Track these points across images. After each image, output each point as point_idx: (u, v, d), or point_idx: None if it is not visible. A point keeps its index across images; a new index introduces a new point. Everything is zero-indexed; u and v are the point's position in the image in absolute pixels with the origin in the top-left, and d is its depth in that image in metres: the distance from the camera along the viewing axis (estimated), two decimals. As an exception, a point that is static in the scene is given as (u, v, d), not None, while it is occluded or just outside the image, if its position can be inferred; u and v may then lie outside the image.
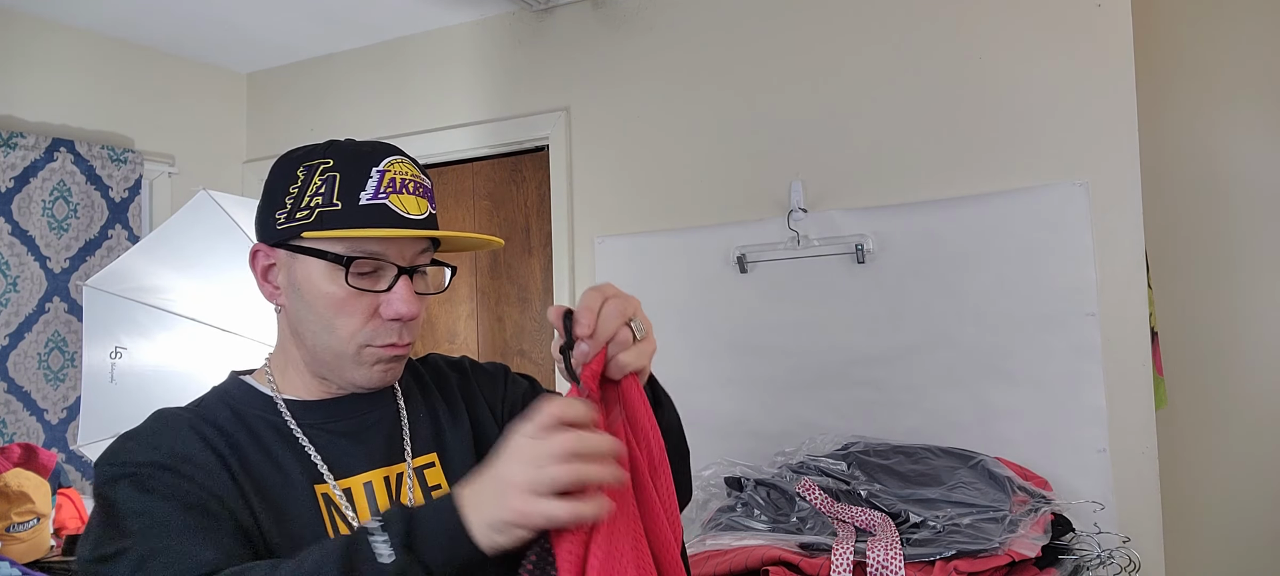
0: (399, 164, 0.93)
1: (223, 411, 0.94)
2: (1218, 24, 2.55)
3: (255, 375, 1.02)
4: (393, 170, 0.92)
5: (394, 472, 0.98)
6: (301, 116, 3.42)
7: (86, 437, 1.94)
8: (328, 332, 0.93)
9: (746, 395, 2.51)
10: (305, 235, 0.90)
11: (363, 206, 0.90)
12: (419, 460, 1.01)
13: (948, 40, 2.32)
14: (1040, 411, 2.17)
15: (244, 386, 0.99)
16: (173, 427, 0.89)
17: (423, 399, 1.06)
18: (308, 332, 0.94)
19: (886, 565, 1.56)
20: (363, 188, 0.90)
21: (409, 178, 0.93)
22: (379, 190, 0.91)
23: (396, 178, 0.92)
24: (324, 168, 0.91)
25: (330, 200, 0.90)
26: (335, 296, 0.91)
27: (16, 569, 2.02)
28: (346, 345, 0.93)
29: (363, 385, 0.97)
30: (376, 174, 0.91)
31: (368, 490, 0.96)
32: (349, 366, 0.95)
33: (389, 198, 0.91)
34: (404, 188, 0.92)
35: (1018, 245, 2.21)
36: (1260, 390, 2.50)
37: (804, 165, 2.48)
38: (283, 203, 0.92)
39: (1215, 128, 2.56)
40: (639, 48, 2.75)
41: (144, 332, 1.99)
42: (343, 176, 0.90)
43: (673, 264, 2.64)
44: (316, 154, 0.93)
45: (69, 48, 2.97)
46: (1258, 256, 2.51)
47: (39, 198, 2.81)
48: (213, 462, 0.87)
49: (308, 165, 0.92)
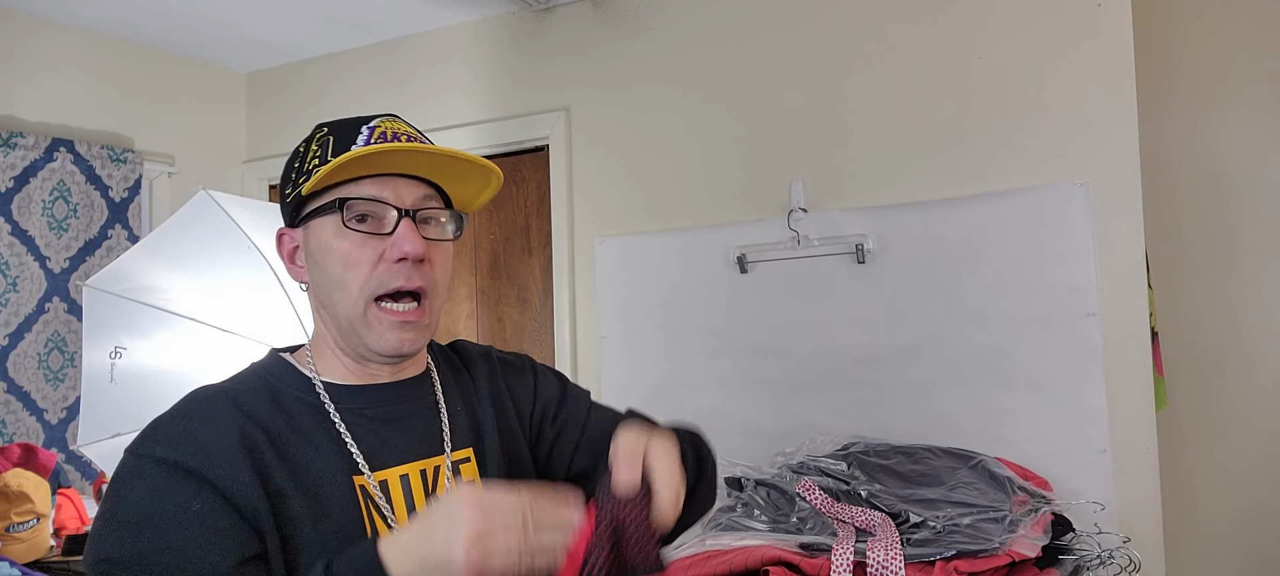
0: (391, 121, 0.95)
1: (262, 393, 0.93)
2: (1218, 24, 2.55)
3: (296, 355, 1.01)
4: (384, 125, 0.94)
5: (431, 466, 0.98)
6: (301, 116, 3.42)
7: (86, 437, 1.94)
8: (342, 290, 0.93)
9: (746, 395, 2.51)
10: (305, 190, 0.92)
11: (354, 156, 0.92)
12: (456, 454, 1.00)
13: (948, 40, 2.32)
14: (1040, 411, 2.17)
15: (284, 365, 0.98)
16: (207, 418, 0.88)
17: (459, 391, 1.06)
18: (327, 300, 0.95)
19: (886, 565, 1.55)
20: (354, 142, 0.92)
21: (402, 131, 0.95)
22: (370, 140, 0.92)
23: (388, 130, 0.94)
24: (319, 135, 0.95)
25: (325, 159, 0.91)
26: (342, 249, 0.92)
27: (16, 569, 2.02)
28: (357, 303, 0.93)
29: (380, 349, 0.95)
30: (366, 129, 0.93)
31: (404, 483, 0.95)
32: (362, 330, 0.94)
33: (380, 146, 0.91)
34: (396, 138, 0.93)
35: (1018, 245, 2.21)
36: (1260, 390, 2.50)
37: (804, 165, 2.48)
38: (288, 178, 0.96)
39: (1215, 128, 2.56)
40: (639, 48, 2.75)
41: (144, 332, 1.99)
42: (336, 137, 0.93)
43: (673, 264, 2.64)
44: (317, 130, 0.97)
45: (69, 48, 2.97)
46: (1258, 256, 2.51)
47: (39, 198, 2.81)
48: (242, 463, 0.85)
49: (306, 140, 0.96)
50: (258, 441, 0.87)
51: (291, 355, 1.01)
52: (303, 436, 0.91)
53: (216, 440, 0.85)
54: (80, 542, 2.27)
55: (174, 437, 0.85)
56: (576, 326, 2.84)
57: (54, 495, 2.40)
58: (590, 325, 2.80)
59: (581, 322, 2.83)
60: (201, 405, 0.90)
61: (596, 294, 2.77)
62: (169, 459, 0.83)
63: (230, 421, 0.88)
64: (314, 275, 0.96)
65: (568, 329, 2.84)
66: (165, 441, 0.85)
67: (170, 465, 0.83)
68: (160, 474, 0.82)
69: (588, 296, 2.81)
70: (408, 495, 0.95)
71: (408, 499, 0.95)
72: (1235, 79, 2.53)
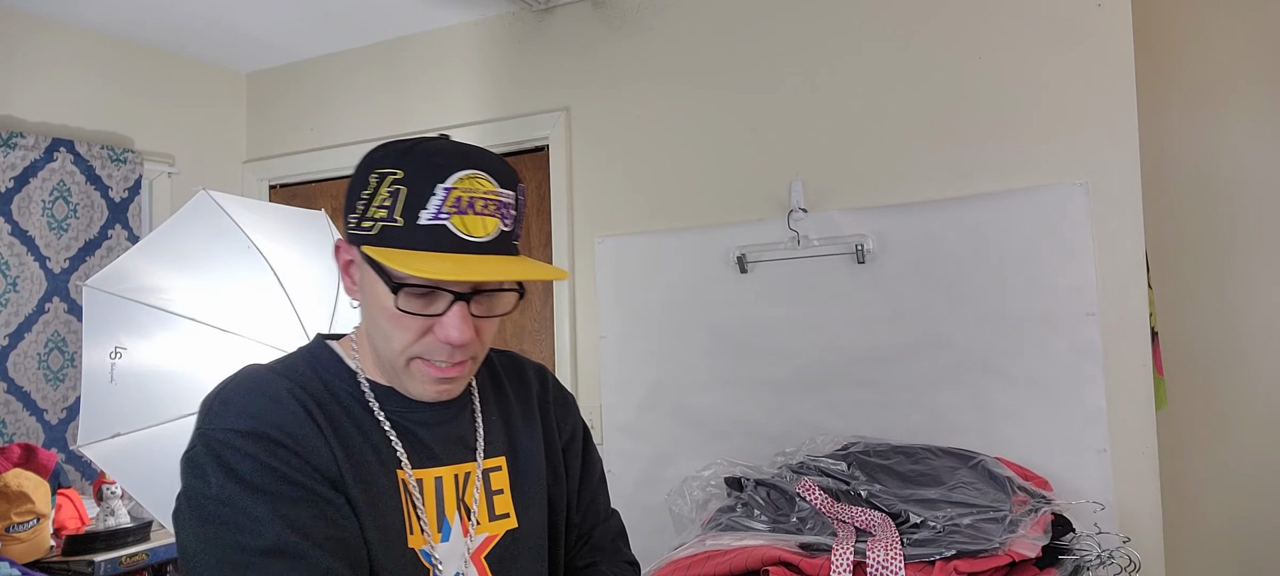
0: (470, 179, 0.88)
1: (312, 378, 0.95)
2: (1218, 24, 2.55)
3: (342, 343, 1.01)
4: (460, 187, 0.87)
5: (463, 471, 1.00)
6: (301, 116, 3.42)
7: (86, 437, 1.93)
8: (385, 341, 0.93)
9: (746, 395, 2.51)
10: (366, 249, 0.89)
11: (422, 226, 0.86)
12: (489, 462, 1.02)
13: (948, 40, 2.32)
14: (1040, 411, 2.17)
15: (331, 354, 0.99)
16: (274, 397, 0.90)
17: (497, 400, 1.08)
18: (372, 334, 0.95)
19: (886, 565, 1.55)
20: (425, 205, 0.86)
21: (480, 195, 0.88)
22: (441, 209, 0.86)
23: (463, 197, 0.87)
24: (392, 179, 0.87)
25: (392, 216, 0.86)
26: (391, 311, 0.90)
27: (16, 569, 2.02)
28: (399, 358, 0.93)
29: (416, 396, 0.97)
30: (442, 191, 0.86)
31: (437, 485, 0.97)
32: (402, 377, 0.95)
33: (450, 218, 0.86)
34: (470, 207, 0.87)
35: (1018, 245, 2.21)
36: (1260, 390, 2.50)
37: (804, 165, 2.48)
38: (356, 207, 0.90)
39: (1215, 128, 2.56)
40: (639, 48, 2.75)
41: (144, 332, 1.99)
42: (408, 191, 0.86)
43: (673, 264, 2.64)
44: (391, 160, 0.88)
45: (69, 48, 2.97)
46: (1258, 256, 2.51)
47: (39, 198, 2.81)
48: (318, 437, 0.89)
49: (380, 172, 0.88)
50: (319, 419, 0.90)
51: (338, 344, 1.02)
52: (355, 424, 0.94)
53: (288, 415, 0.88)
54: (80, 542, 2.27)
55: (251, 412, 0.87)
56: (576, 326, 2.84)
57: (54, 495, 2.40)
58: (590, 325, 2.80)
59: (581, 322, 2.83)
60: (262, 383, 0.92)
61: (596, 294, 2.77)
62: (253, 430, 0.86)
63: (293, 398, 0.90)
64: (363, 303, 0.95)
65: (568, 329, 2.84)
66: (244, 416, 0.87)
67: (257, 436, 0.85)
68: (252, 444, 0.85)
69: (588, 296, 2.81)
70: (439, 497, 0.97)
71: (439, 500, 0.97)
72: (1235, 79, 2.53)
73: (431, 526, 0.95)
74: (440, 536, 0.96)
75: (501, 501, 1.02)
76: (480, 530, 0.99)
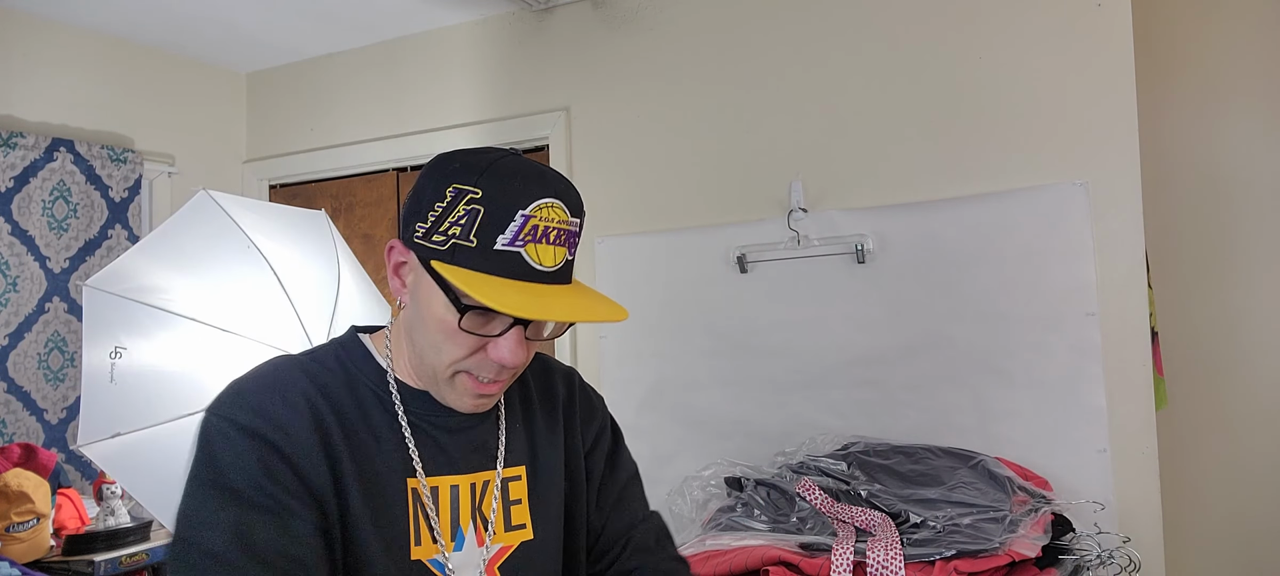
0: (548, 208, 0.87)
1: (338, 376, 0.95)
2: (1218, 24, 2.55)
3: (374, 338, 1.01)
4: (538, 215, 0.86)
5: (481, 480, 1.00)
6: (301, 116, 3.42)
7: (86, 437, 1.93)
8: (434, 352, 0.92)
9: (746, 395, 2.51)
10: (434, 263, 0.87)
11: (497, 251, 0.85)
12: (508, 471, 1.02)
13: (948, 40, 2.32)
14: (1040, 411, 2.17)
15: (362, 350, 0.99)
16: (287, 395, 0.90)
17: (522, 409, 1.07)
18: (419, 340, 0.94)
19: (886, 565, 1.55)
20: (503, 231, 0.85)
21: (554, 225, 0.87)
22: (518, 236, 0.85)
23: (539, 225, 0.86)
24: (471, 198, 0.86)
25: (467, 235, 0.85)
26: (448, 324, 0.89)
27: (16, 569, 2.02)
28: (445, 370, 0.93)
29: (454, 407, 0.97)
30: (520, 218, 0.85)
31: (453, 493, 0.97)
32: (444, 387, 0.95)
33: (525, 246, 0.86)
34: (545, 236, 0.87)
35: (1018, 245, 2.21)
36: (1260, 390, 2.50)
37: (804, 165, 2.48)
38: (425, 216, 0.88)
39: (1215, 128, 2.56)
40: (639, 48, 2.75)
41: (144, 332, 1.99)
42: (486, 213, 0.85)
43: (673, 264, 2.64)
44: (471, 175, 0.87)
45: (69, 48, 2.97)
46: (1258, 256, 2.51)
47: (39, 197, 2.81)
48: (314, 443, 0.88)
49: (458, 188, 0.86)
50: (329, 425, 0.91)
51: (371, 339, 1.02)
52: (371, 430, 0.94)
53: (294, 418, 0.89)
54: (80, 542, 2.27)
55: (259, 409, 0.88)
56: (576, 326, 2.84)
57: (54, 495, 2.40)
58: (590, 325, 2.80)
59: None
60: (281, 378, 0.92)
61: (596, 294, 2.77)
62: (253, 428, 0.86)
63: (306, 400, 0.90)
64: (413, 313, 0.94)
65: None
66: (250, 410, 0.88)
67: (253, 435, 0.86)
68: (246, 443, 0.86)
69: (588, 296, 2.81)
70: (454, 505, 0.97)
71: (454, 509, 0.96)
72: (1235, 79, 2.53)
73: (444, 535, 0.95)
74: (454, 546, 0.95)
75: (519, 511, 1.02)
76: (496, 540, 0.99)
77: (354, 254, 2.39)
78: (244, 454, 0.85)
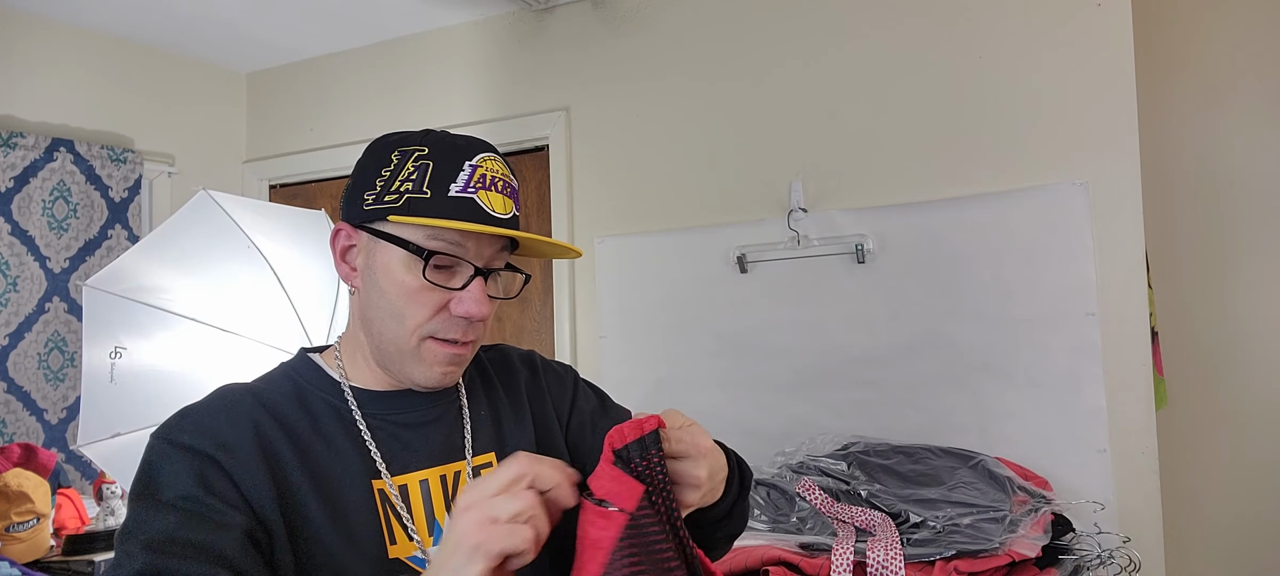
0: (491, 160, 0.93)
1: (288, 393, 0.95)
2: (1218, 24, 2.55)
3: (324, 355, 1.01)
4: (485, 166, 0.92)
5: (452, 471, 0.99)
6: (301, 116, 3.42)
7: (86, 437, 1.93)
8: (396, 321, 0.92)
9: (746, 395, 2.51)
10: (391, 219, 0.90)
11: (451, 198, 0.90)
12: (478, 459, 1.01)
13: (948, 40, 2.32)
14: (1040, 411, 2.17)
15: (312, 366, 0.99)
16: (231, 414, 0.90)
17: (486, 395, 1.07)
18: (376, 319, 0.94)
19: (886, 565, 1.56)
20: (454, 179, 0.90)
21: (499, 176, 0.93)
22: (469, 184, 0.91)
23: (487, 174, 0.92)
24: (418, 155, 0.91)
25: (420, 188, 0.90)
26: (409, 286, 0.91)
27: (16, 569, 2.02)
28: (410, 338, 0.93)
29: (421, 383, 0.96)
30: (469, 167, 0.91)
31: (423, 488, 0.96)
32: (410, 361, 0.94)
33: (478, 193, 0.91)
34: (493, 185, 0.92)
35: (1018, 245, 2.21)
36: (1260, 390, 2.50)
37: (804, 165, 2.48)
38: (373, 184, 0.92)
39: (1215, 128, 2.56)
40: (639, 48, 2.75)
41: (144, 332, 1.99)
42: (435, 165, 0.90)
43: (673, 264, 2.64)
44: (412, 140, 0.93)
45: (69, 48, 2.97)
46: (1258, 256, 2.51)
47: (39, 197, 2.81)
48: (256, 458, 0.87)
49: (402, 150, 0.92)
50: (274, 439, 0.90)
51: (320, 355, 1.01)
52: (324, 439, 0.93)
53: (236, 435, 0.88)
54: (80, 542, 2.27)
55: (200, 428, 0.88)
56: (576, 326, 2.84)
57: (54, 495, 2.40)
58: (590, 325, 2.80)
59: (581, 322, 2.83)
60: (227, 400, 0.92)
61: (596, 294, 2.77)
62: (193, 446, 0.86)
63: (250, 417, 0.90)
64: (368, 290, 0.94)
65: (568, 329, 2.84)
66: (191, 430, 0.88)
67: (193, 452, 0.86)
68: (184, 459, 0.85)
69: (588, 296, 2.81)
70: (427, 500, 0.96)
71: (427, 504, 0.95)
72: (1235, 79, 2.53)
73: (421, 531, 0.94)
74: (433, 540, 0.94)
75: None
76: None
77: (354, 254, 2.39)
78: (181, 471, 0.85)
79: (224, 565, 0.81)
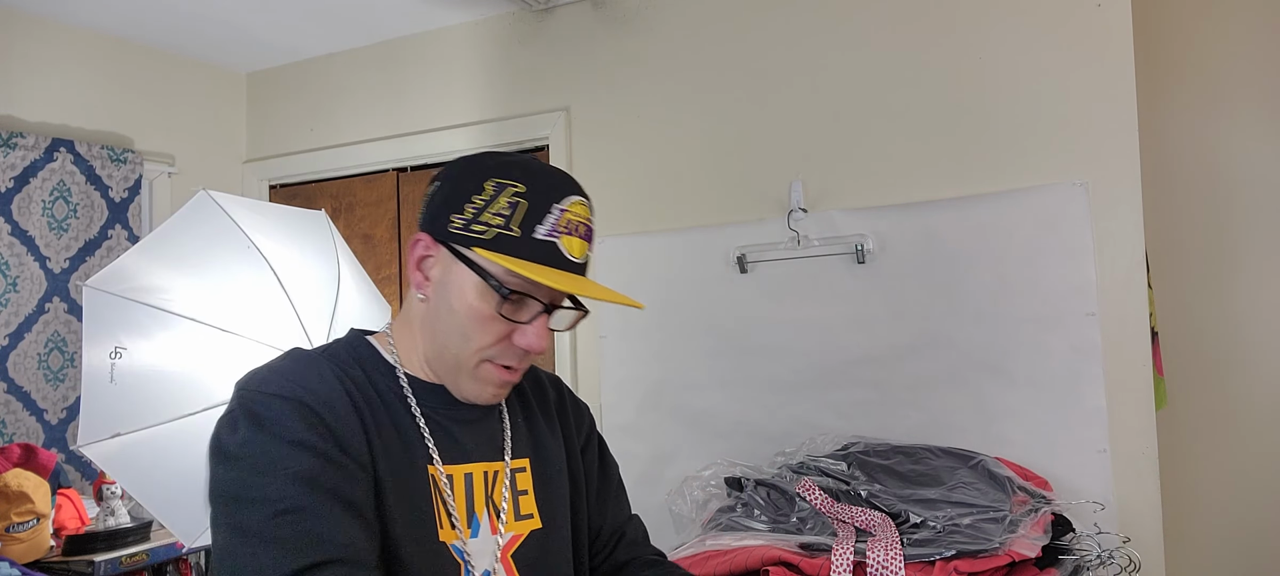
0: (578, 205, 0.97)
1: (354, 366, 0.98)
2: (1218, 24, 2.55)
3: (376, 338, 1.05)
4: (572, 211, 0.96)
5: (491, 469, 1.04)
6: (301, 116, 3.42)
7: (86, 438, 1.93)
8: (462, 340, 0.97)
9: (746, 395, 2.51)
10: (477, 250, 0.93)
11: (537, 240, 0.93)
12: (515, 463, 1.07)
13: (948, 40, 2.32)
14: (1040, 411, 2.17)
15: (370, 348, 1.03)
16: (319, 374, 0.93)
17: (521, 406, 1.13)
18: (441, 331, 0.98)
19: (886, 565, 1.56)
20: (541, 221, 0.93)
21: (582, 221, 0.97)
22: (555, 228, 0.94)
23: (573, 219, 0.95)
24: (513, 191, 0.94)
25: (509, 225, 0.92)
26: (481, 312, 0.95)
27: (16, 569, 2.02)
28: (472, 358, 0.97)
29: (470, 397, 1.01)
30: (557, 211, 0.94)
31: (467, 481, 1.01)
32: (465, 377, 0.99)
33: (561, 238, 0.94)
34: (575, 230, 0.96)
35: (1018, 245, 2.21)
36: (1260, 390, 2.50)
37: (804, 165, 2.48)
38: (462, 208, 0.94)
39: (1215, 128, 2.56)
40: (639, 48, 2.75)
41: (144, 332, 1.99)
42: (529, 205, 0.93)
43: (673, 264, 2.64)
44: (510, 173, 0.95)
45: (69, 48, 2.97)
46: (1258, 256, 2.51)
47: (39, 198, 2.81)
48: (354, 419, 0.91)
49: (498, 181, 0.94)
50: (356, 400, 0.94)
51: (374, 338, 1.05)
52: (388, 419, 0.97)
53: (331, 393, 0.92)
54: (80, 543, 2.27)
55: (294, 380, 0.91)
56: (576, 326, 2.83)
57: (54, 495, 2.40)
58: (590, 325, 2.80)
59: (581, 322, 2.82)
60: (309, 360, 0.96)
61: (596, 294, 2.77)
62: (295, 397, 0.89)
63: (337, 377, 0.94)
64: (439, 303, 0.98)
65: (568, 329, 2.84)
66: (286, 383, 0.90)
67: (298, 403, 0.88)
68: (290, 408, 0.88)
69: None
70: (469, 492, 1.00)
71: (469, 496, 1.00)
72: (1235, 79, 2.53)
73: (462, 521, 0.98)
74: (470, 532, 0.99)
75: (526, 502, 1.06)
76: (508, 528, 1.03)
77: (354, 254, 2.39)
78: (292, 415, 0.87)
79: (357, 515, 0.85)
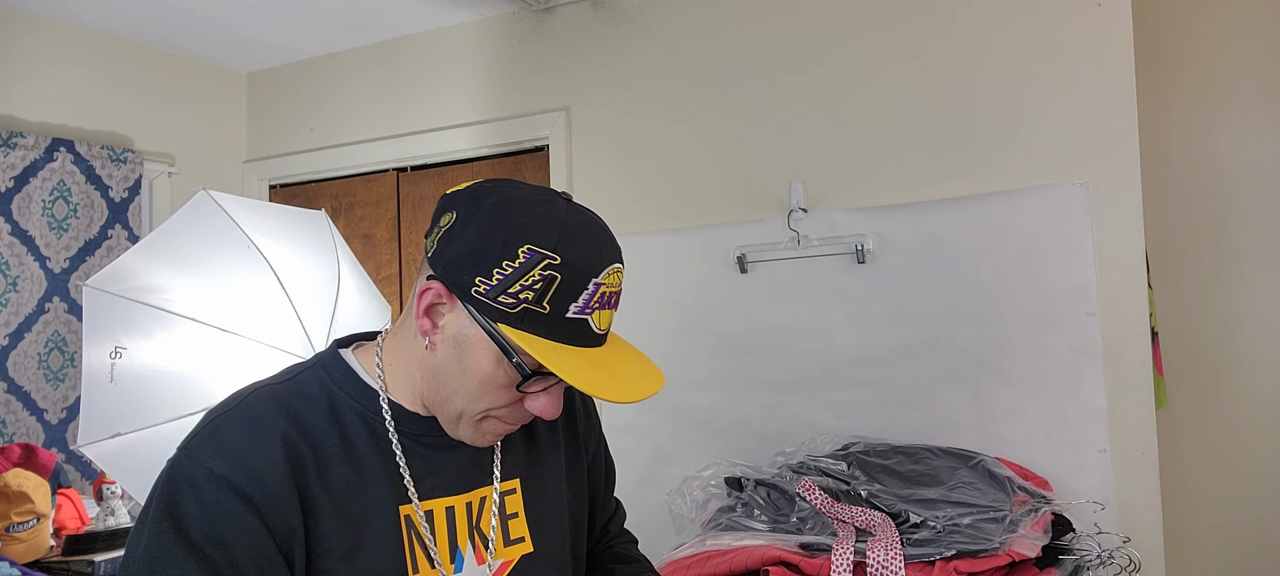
0: (615, 274, 0.89)
1: (319, 403, 0.91)
2: (1218, 24, 2.55)
3: (361, 354, 0.98)
4: (607, 282, 0.87)
5: (477, 498, 0.98)
6: (301, 116, 3.42)
7: (86, 437, 1.93)
8: (468, 399, 0.90)
9: (746, 395, 2.51)
10: (502, 327, 0.85)
11: (567, 319, 0.85)
12: (504, 486, 1.01)
13: (948, 40, 2.32)
14: (1040, 411, 2.17)
15: (347, 373, 0.95)
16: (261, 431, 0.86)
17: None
18: (447, 386, 0.91)
19: (886, 565, 1.55)
20: (576, 298, 0.85)
21: (615, 290, 0.89)
22: (588, 304, 0.86)
23: (608, 291, 0.88)
24: (547, 264, 0.84)
25: (540, 301, 0.84)
26: (496, 381, 0.88)
27: (16, 569, 2.02)
28: (477, 414, 0.92)
29: (464, 440, 0.95)
30: (593, 286, 0.86)
31: (449, 515, 0.95)
32: (465, 426, 0.93)
33: (592, 314, 0.87)
34: (607, 302, 0.88)
35: (1018, 245, 2.21)
36: (1260, 390, 2.50)
37: (804, 165, 2.48)
38: (489, 272, 0.84)
39: (1215, 128, 2.56)
40: (639, 48, 2.75)
41: (144, 332, 1.99)
42: (562, 282, 0.84)
43: (673, 264, 2.64)
44: (546, 241, 0.84)
45: (69, 48, 2.97)
46: (1258, 256, 2.51)
47: (39, 197, 2.81)
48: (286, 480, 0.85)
49: (534, 249, 0.84)
50: (303, 460, 0.87)
51: (355, 354, 0.98)
52: (354, 461, 0.90)
53: (266, 459, 0.85)
54: (80, 543, 2.27)
55: (231, 452, 0.85)
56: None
57: (54, 495, 2.40)
58: (590, 325, 2.79)
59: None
60: (257, 416, 0.88)
61: (596, 294, 2.77)
62: (224, 476, 0.83)
63: (281, 437, 0.87)
64: (448, 359, 0.90)
65: (568, 329, 2.84)
66: (222, 454, 0.84)
67: (224, 483, 0.83)
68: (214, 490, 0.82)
69: (588, 296, 2.81)
70: (451, 527, 0.95)
71: (451, 531, 0.95)
72: (1235, 79, 2.53)
73: (443, 558, 0.93)
74: (454, 567, 0.94)
75: (516, 525, 1.01)
76: (497, 556, 0.98)
77: (354, 254, 2.39)
78: (208, 502, 0.82)
79: None
